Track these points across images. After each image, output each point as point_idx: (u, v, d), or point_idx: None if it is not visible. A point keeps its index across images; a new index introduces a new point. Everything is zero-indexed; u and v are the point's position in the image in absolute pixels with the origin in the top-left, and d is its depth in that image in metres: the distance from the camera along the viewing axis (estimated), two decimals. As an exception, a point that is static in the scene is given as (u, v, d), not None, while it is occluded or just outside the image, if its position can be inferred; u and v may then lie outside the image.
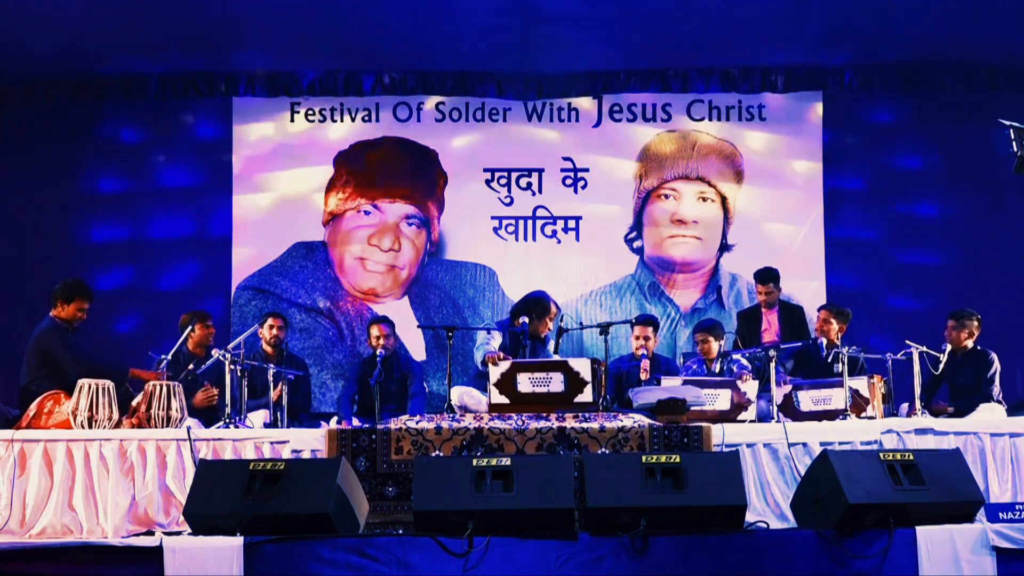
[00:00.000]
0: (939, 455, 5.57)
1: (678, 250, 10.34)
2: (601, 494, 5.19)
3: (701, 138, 10.40)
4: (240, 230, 10.33)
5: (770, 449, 6.33)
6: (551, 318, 7.88)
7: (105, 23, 9.00)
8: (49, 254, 10.06)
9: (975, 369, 7.94)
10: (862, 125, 10.39)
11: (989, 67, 10.01)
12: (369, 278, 10.33)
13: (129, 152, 10.45)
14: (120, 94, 10.24)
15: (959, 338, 7.92)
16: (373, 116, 10.45)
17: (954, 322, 7.99)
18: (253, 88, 10.27)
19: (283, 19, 9.08)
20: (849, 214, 10.28)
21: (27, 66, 9.77)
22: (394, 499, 6.13)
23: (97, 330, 9.02)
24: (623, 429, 6.27)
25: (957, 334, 7.93)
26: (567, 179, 10.40)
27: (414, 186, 10.40)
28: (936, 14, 8.90)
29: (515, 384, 6.66)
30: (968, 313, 8.01)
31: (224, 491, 5.25)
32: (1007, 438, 6.37)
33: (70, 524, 6.20)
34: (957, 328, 7.95)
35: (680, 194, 10.38)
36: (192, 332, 7.85)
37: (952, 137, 10.04)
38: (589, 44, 9.63)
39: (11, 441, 6.31)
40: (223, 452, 6.29)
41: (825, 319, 8.22)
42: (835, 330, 8.15)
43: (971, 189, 10.05)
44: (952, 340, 7.84)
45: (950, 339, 7.84)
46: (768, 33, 9.41)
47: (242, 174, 10.39)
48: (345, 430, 6.37)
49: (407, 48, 9.81)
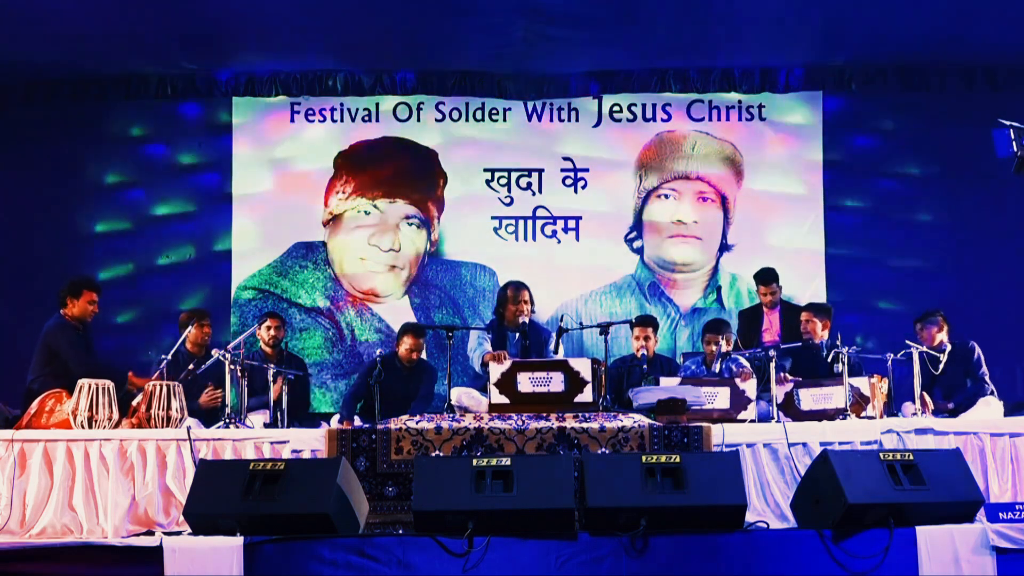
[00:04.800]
0: (939, 455, 5.57)
1: (678, 250, 10.34)
2: (601, 494, 5.20)
3: (701, 138, 10.39)
4: (240, 230, 10.33)
5: (770, 449, 6.33)
6: (522, 302, 7.84)
7: (106, 23, 9.00)
8: (53, 253, 10.06)
9: (960, 362, 7.96)
10: (862, 125, 10.38)
11: (989, 67, 10.01)
12: (369, 278, 10.33)
13: (130, 151, 10.45)
14: (121, 94, 10.23)
15: (932, 336, 7.96)
16: (373, 116, 10.44)
17: (920, 324, 8.05)
18: (253, 88, 10.27)
19: (283, 19, 9.06)
20: (849, 215, 10.27)
21: (28, 66, 9.78)
22: (394, 499, 6.13)
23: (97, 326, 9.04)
24: (623, 429, 6.27)
25: (928, 333, 7.98)
26: (567, 179, 10.39)
27: (414, 186, 10.40)
28: (936, 14, 8.89)
29: (515, 384, 6.66)
30: (931, 311, 8.09)
31: (224, 491, 5.26)
32: (1007, 438, 6.37)
33: (70, 524, 6.19)
34: (926, 327, 8.01)
35: (680, 194, 10.38)
36: (188, 333, 7.85)
37: (952, 137, 10.01)
38: (589, 44, 9.62)
39: (11, 441, 6.31)
40: (223, 452, 6.29)
41: (808, 319, 8.16)
42: (819, 328, 8.12)
43: (971, 190, 10.03)
44: (925, 340, 7.87)
45: (923, 340, 7.84)
46: (768, 33, 9.41)
47: (242, 174, 10.38)
48: (345, 430, 6.37)
49: (407, 48, 9.81)
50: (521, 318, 7.79)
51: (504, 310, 7.91)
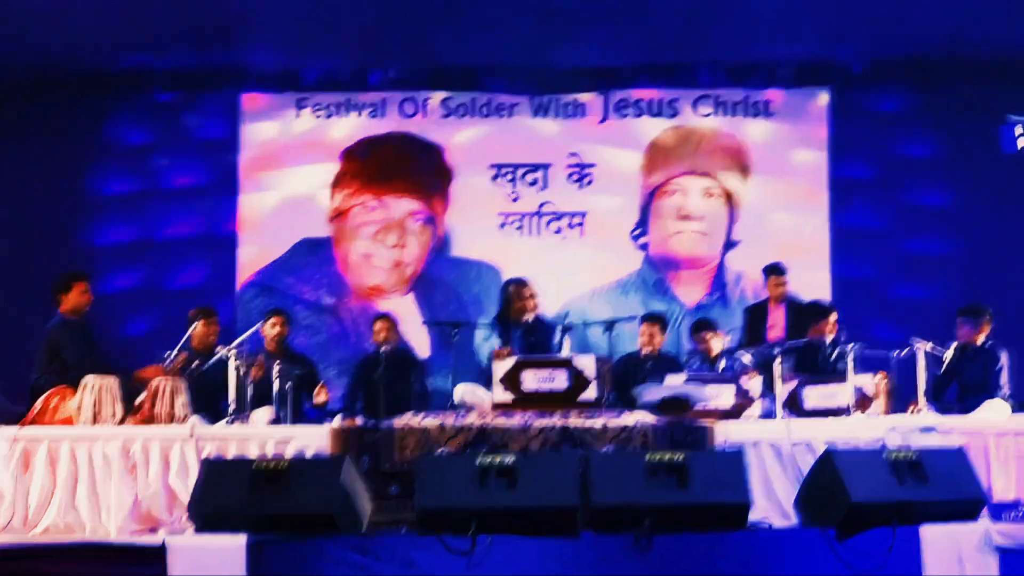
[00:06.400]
0: (943, 454, 5.55)
1: (683, 246, 10.32)
2: (605, 492, 5.18)
3: (707, 133, 10.37)
4: (246, 226, 10.34)
5: (774, 447, 6.31)
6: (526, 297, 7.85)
7: (111, 19, 9.00)
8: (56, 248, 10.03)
9: (983, 365, 7.79)
10: (869, 120, 10.34)
11: (998, 61, 9.94)
12: (374, 274, 10.33)
13: (135, 148, 10.45)
14: (126, 90, 10.24)
15: (969, 335, 7.76)
16: (379, 112, 10.44)
17: (963, 319, 7.78)
18: (259, 84, 10.28)
19: (289, 15, 9.08)
20: (855, 211, 10.24)
21: (32, 63, 9.77)
22: (398, 497, 6.11)
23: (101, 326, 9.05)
24: (627, 427, 6.25)
25: (968, 331, 7.74)
26: (573, 175, 10.38)
27: (420, 182, 10.39)
28: (943, 9, 8.85)
29: (520, 381, 6.65)
30: (980, 309, 7.80)
31: (228, 489, 5.24)
32: (1011, 437, 6.33)
33: (73, 523, 6.19)
34: (966, 325, 7.75)
35: (686, 189, 10.36)
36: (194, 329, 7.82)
37: (960, 131, 9.97)
38: (595, 39, 9.61)
39: (15, 439, 6.32)
40: (227, 450, 6.30)
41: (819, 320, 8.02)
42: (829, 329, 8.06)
43: (978, 183, 9.99)
44: (962, 337, 7.75)
45: (960, 336, 7.75)
46: (774, 28, 9.38)
47: (248, 170, 10.39)
48: (349, 428, 6.37)
49: (413, 43, 9.80)
50: (528, 314, 7.78)
51: (509, 309, 7.89)
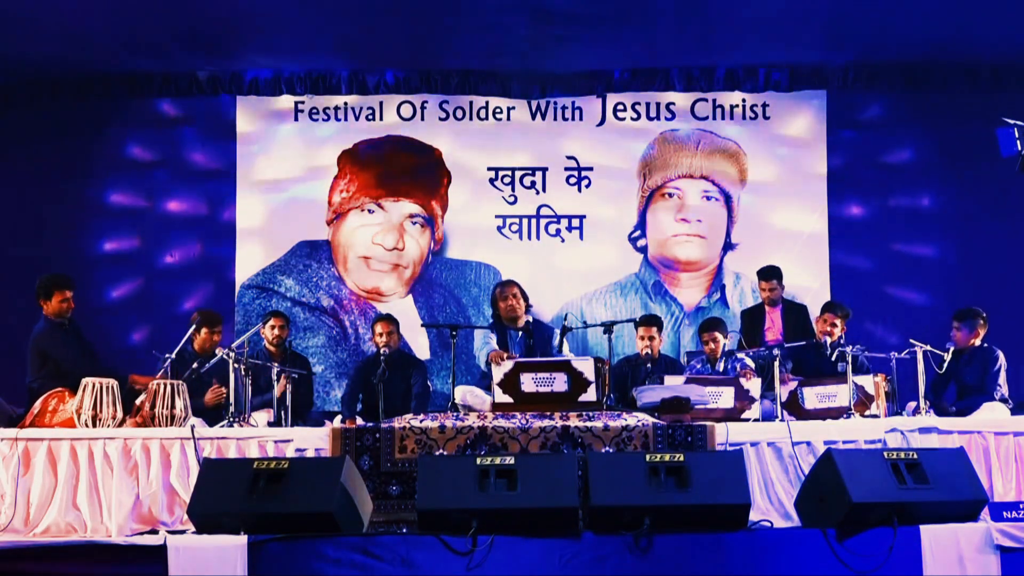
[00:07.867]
0: (943, 454, 5.57)
1: (682, 249, 10.33)
2: (605, 493, 5.19)
3: (705, 137, 10.38)
4: (244, 229, 10.33)
5: (774, 448, 6.33)
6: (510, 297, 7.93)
7: (108, 22, 9.01)
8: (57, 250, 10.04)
9: (980, 367, 7.85)
10: (866, 124, 10.37)
11: (993, 66, 9.98)
12: (373, 277, 10.33)
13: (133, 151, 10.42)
14: (123, 93, 10.21)
15: (965, 339, 7.85)
16: (377, 115, 10.44)
17: (958, 323, 7.91)
18: (258, 87, 10.26)
19: (287, 18, 9.06)
20: (853, 213, 10.26)
21: (30, 66, 9.77)
22: (398, 498, 6.14)
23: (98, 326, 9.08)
24: (627, 428, 6.27)
25: (963, 335, 7.85)
26: (571, 178, 10.39)
27: (418, 185, 10.39)
28: (940, 13, 8.86)
29: (519, 383, 6.66)
30: (974, 313, 7.91)
31: (228, 490, 5.26)
32: (1011, 437, 6.37)
33: (74, 523, 6.21)
34: (962, 330, 7.86)
35: (684, 193, 10.37)
36: (197, 333, 7.81)
37: (955, 136, 10.00)
38: (593, 43, 9.60)
39: (15, 440, 6.33)
40: (227, 451, 6.30)
41: (831, 322, 8.00)
42: (839, 330, 8.07)
43: (974, 187, 10.02)
44: (958, 341, 7.80)
45: (955, 340, 7.80)
46: (771, 32, 9.38)
47: (246, 173, 10.38)
48: (349, 429, 6.37)
49: (411, 47, 9.80)
50: (515, 314, 7.82)
51: (497, 309, 7.95)
